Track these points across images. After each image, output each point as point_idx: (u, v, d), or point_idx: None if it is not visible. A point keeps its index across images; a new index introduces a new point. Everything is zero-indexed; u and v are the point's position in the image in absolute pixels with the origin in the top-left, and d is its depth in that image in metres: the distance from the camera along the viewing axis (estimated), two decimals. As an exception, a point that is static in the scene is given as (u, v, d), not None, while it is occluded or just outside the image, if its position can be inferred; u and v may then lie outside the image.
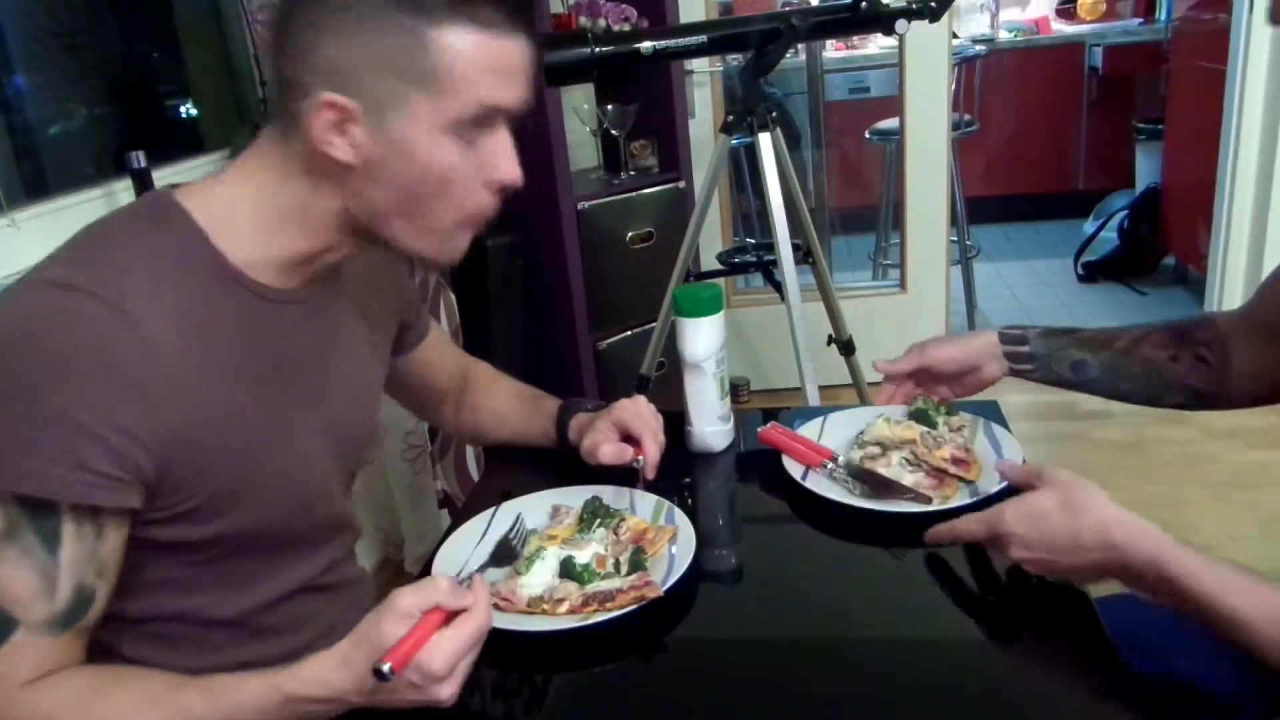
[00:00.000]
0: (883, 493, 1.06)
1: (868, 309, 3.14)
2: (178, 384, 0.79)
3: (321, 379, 0.96)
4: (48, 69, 1.76)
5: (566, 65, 1.83)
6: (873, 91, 4.46)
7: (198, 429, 0.81)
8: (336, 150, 0.81)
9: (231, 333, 0.85)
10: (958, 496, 1.04)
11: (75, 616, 0.78)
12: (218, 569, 0.90)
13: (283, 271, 0.88)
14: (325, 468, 0.98)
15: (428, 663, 0.72)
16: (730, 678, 0.88)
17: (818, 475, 1.12)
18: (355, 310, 1.02)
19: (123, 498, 0.78)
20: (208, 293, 0.83)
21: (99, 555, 0.79)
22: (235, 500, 0.87)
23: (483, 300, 2.44)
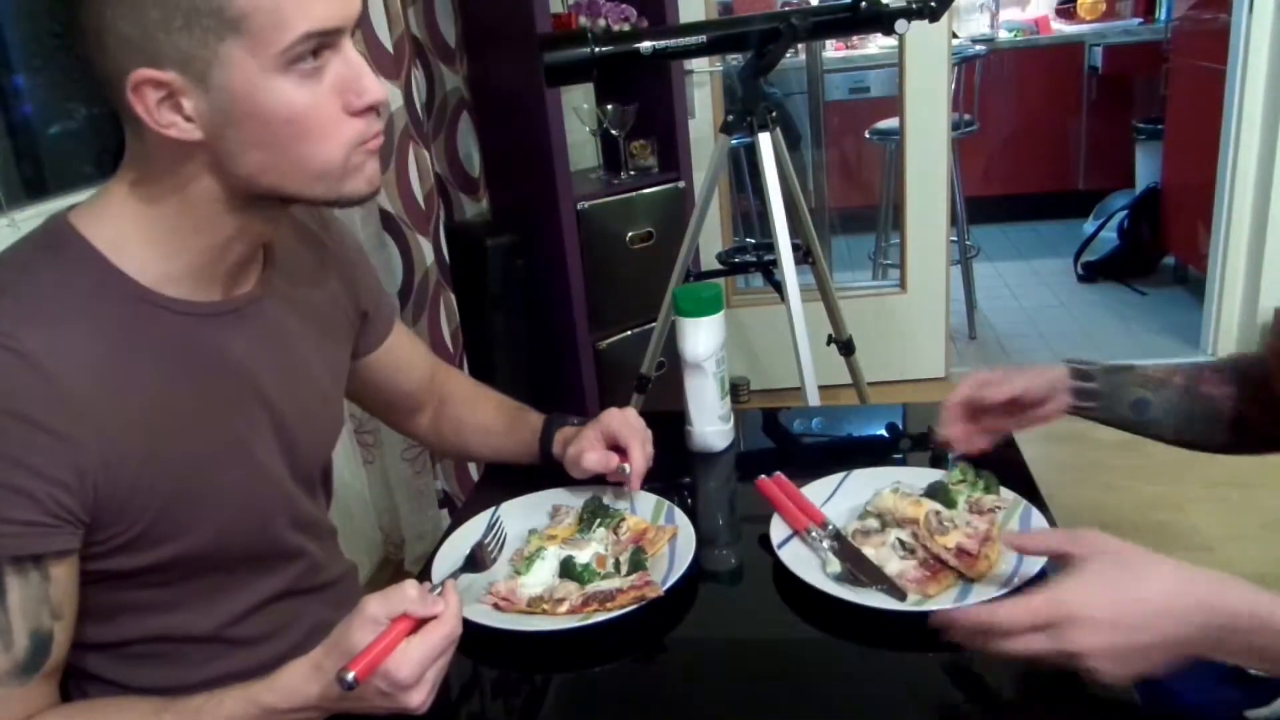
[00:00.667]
0: (861, 575, 0.93)
1: (868, 309, 3.14)
2: (92, 419, 0.76)
3: (265, 387, 0.91)
4: (47, 68, 1.76)
5: (566, 65, 1.83)
6: (873, 91, 4.46)
7: (123, 459, 0.78)
8: (177, 130, 0.75)
9: (151, 356, 0.81)
10: (942, 597, 0.89)
11: (36, 662, 0.76)
12: (182, 589, 0.89)
13: (196, 282, 0.84)
14: (282, 476, 0.94)
15: (394, 671, 0.71)
16: (730, 678, 0.88)
17: (800, 541, 1.00)
18: (297, 310, 0.97)
19: (56, 541, 0.76)
20: (119, 319, 0.80)
21: (50, 598, 0.77)
22: (182, 523, 0.84)
23: (483, 300, 2.44)
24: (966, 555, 0.92)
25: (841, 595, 0.90)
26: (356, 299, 1.07)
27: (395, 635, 0.73)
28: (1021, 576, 0.89)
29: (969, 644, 0.76)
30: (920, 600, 0.89)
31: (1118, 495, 2.51)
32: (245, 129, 0.76)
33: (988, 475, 1.05)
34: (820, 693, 0.85)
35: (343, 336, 1.06)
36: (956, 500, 1.01)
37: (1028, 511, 1.00)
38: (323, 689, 0.74)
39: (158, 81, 0.74)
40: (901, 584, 0.91)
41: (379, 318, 1.12)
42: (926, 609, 0.87)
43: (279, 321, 0.94)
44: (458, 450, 1.28)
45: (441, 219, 2.20)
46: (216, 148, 0.78)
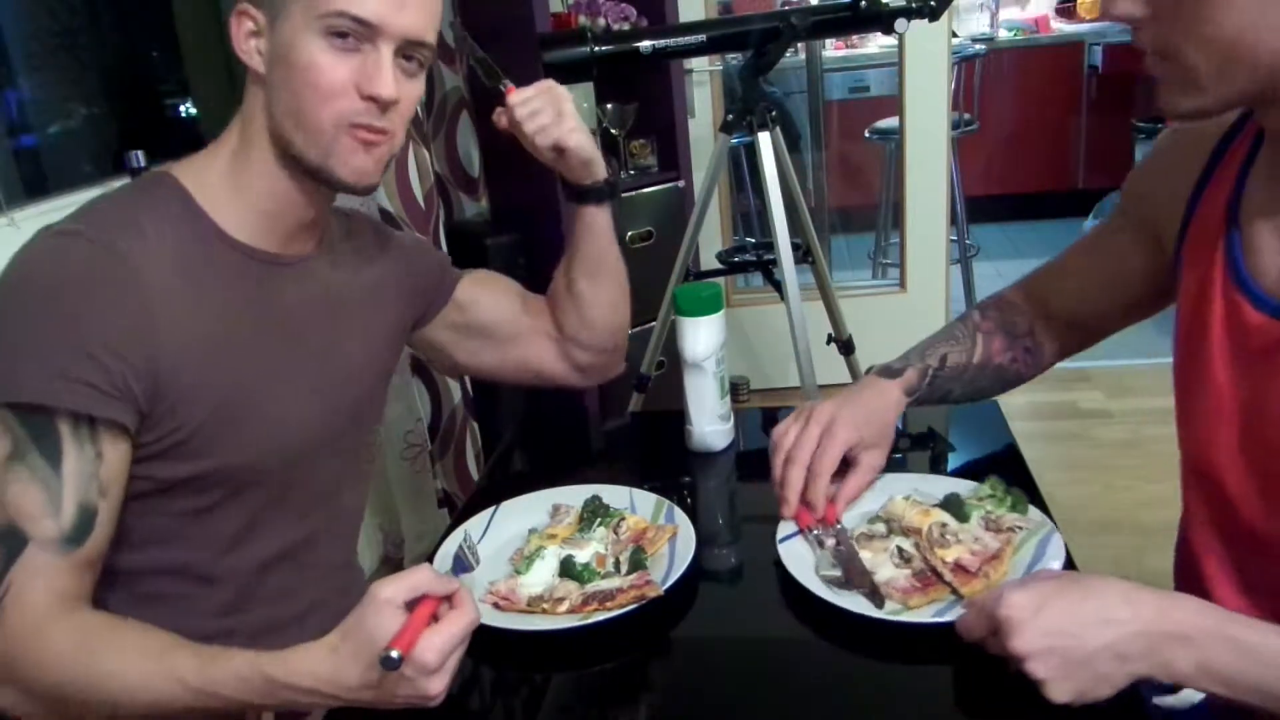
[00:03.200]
0: (851, 577, 0.92)
1: (867, 308, 3.14)
2: (164, 315, 0.86)
3: (309, 342, 1.01)
4: (47, 68, 1.76)
5: (566, 64, 1.83)
6: (872, 90, 4.46)
7: (183, 360, 0.88)
8: (251, 59, 0.92)
9: (217, 281, 0.93)
10: (921, 611, 0.87)
11: (80, 534, 0.83)
12: (206, 524, 0.95)
13: (260, 234, 0.96)
14: (310, 426, 1.01)
15: (421, 655, 0.72)
16: (730, 677, 0.88)
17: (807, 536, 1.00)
18: (348, 280, 1.07)
19: (113, 410, 0.83)
20: (195, 246, 0.92)
21: (100, 475, 0.84)
22: (222, 438, 0.92)
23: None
24: (963, 571, 0.89)
25: (824, 596, 0.90)
26: (416, 284, 1.16)
27: (420, 619, 0.73)
28: None
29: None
30: (899, 610, 0.88)
31: (1118, 495, 2.50)
32: (281, 70, 0.91)
33: (1017, 494, 1.00)
34: (820, 692, 0.85)
35: (394, 316, 1.14)
36: (970, 515, 0.98)
37: (1049, 537, 0.94)
38: (340, 675, 0.74)
39: (252, 15, 0.91)
40: (886, 591, 0.90)
41: (441, 286, 1.20)
42: (901, 619, 0.86)
43: (329, 285, 1.04)
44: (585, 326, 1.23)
45: (441, 218, 2.20)
46: (267, 85, 0.93)
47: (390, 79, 0.91)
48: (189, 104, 2.12)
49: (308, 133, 0.91)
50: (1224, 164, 0.90)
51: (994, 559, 0.91)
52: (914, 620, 0.86)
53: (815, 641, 0.91)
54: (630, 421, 1.80)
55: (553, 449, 1.45)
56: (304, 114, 0.91)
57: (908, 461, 1.22)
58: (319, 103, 0.90)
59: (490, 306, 1.23)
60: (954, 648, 0.83)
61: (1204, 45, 0.72)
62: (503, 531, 1.09)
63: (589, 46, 1.81)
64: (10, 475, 0.82)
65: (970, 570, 0.89)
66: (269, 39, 0.91)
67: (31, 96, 1.75)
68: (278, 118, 0.92)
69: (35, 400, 0.81)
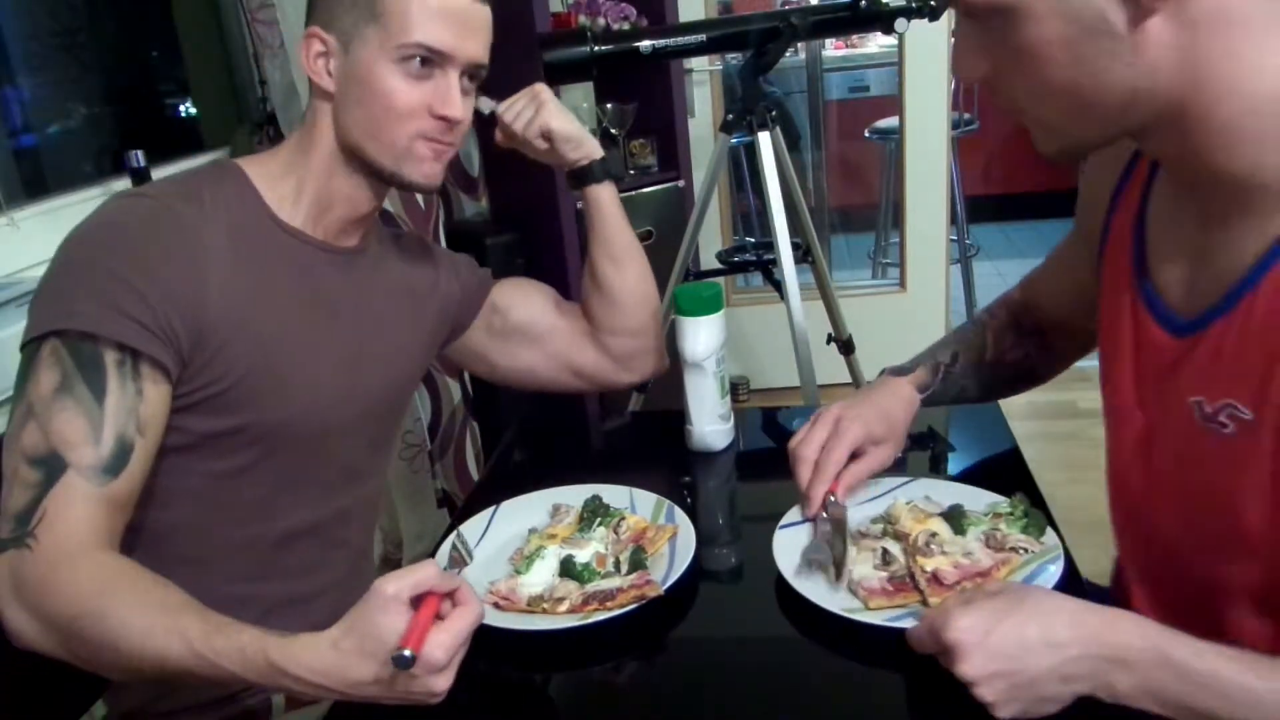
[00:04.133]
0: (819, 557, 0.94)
1: (867, 308, 3.13)
2: (213, 273, 0.93)
3: (347, 324, 1.07)
4: (47, 68, 1.76)
5: (566, 64, 1.83)
6: (872, 90, 4.46)
7: (227, 314, 0.94)
8: (321, 79, 1.01)
9: (265, 256, 1.00)
10: (875, 614, 0.87)
11: (117, 465, 0.87)
12: (235, 488, 1.00)
13: (311, 223, 1.04)
14: (340, 397, 1.06)
15: (429, 653, 0.72)
16: (730, 677, 0.88)
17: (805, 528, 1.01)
18: (392, 276, 1.15)
19: (156, 348, 0.89)
20: (249, 222, 1.00)
21: (139, 412, 0.89)
22: (255, 396, 0.97)
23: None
24: (937, 583, 0.89)
25: (807, 595, 0.90)
26: (453, 292, 1.23)
27: (428, 615, 0.73)
28: None
29: None
30: (857, 609, 0.88)
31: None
32: (356, 90, 1.00)
33: (1036, 516, 0.97)
34: (820, 692, 0.85)
35: (430, 318, 1.20)
36: (967, 529, 0.96)
37: (1050, 563, 0.90)
38: (340, 668, 0.74)
39: (322, 39, 1.00)
40: (854, 588, 0.91)
41: (478, 294, 1.26)
42: (857, 617, 0.87)
43: (368, 277, 1.11)
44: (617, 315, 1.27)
45: (441, 218, 2.20)
46: (338, 100, 1.02)
47: (459, 101, 1.02)
48: (189, 104, 2.12)
49: (382, 145, 1.01)
50: (1132, 180, 0.90)
51: (981, 575, 0.89)
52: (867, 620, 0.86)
53: (815, 641, 0.91)
54: (630, 421, 1.80)
55: (553, 449, 1.45)
56: (380, 130, 1.00)
57: (907, 462, 1.23)
58: (394, 122, 1.00)
59: (523, 306, 1.28)
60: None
61: (1044, 99, 0.75)
62: (503, 531, 1.09)
63: (589, 46, 1.81)
64: (57, 404, 0.86)
65: (945, 583, 0.88)
66: (341, 61, 1.00)
67: (31, 96, 1.75)
68: (350, 129, 1.01)
69: (85, 328, 0.87)
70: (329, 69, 1.01)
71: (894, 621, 0.86)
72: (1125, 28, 0.69)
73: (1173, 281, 0.83)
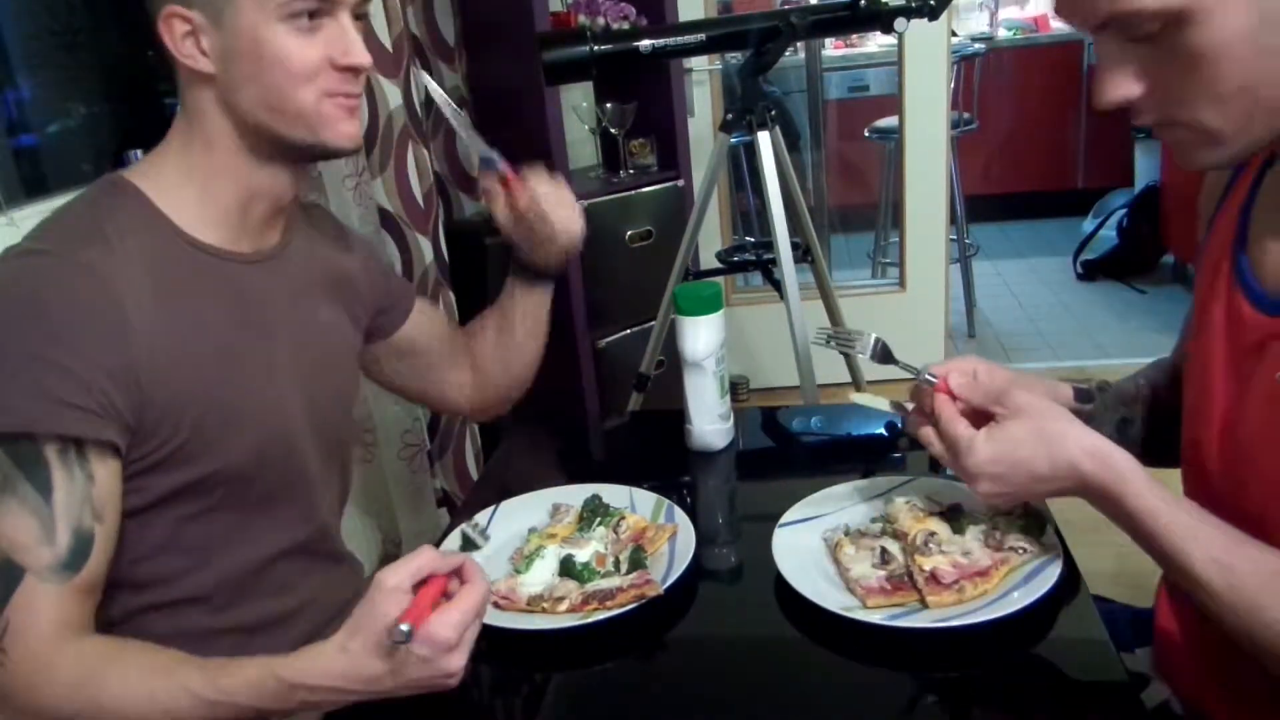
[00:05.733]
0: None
1: (867, 307, 3.13)
2: (138, 323, 0.85)
3: (283, 331, 1.00)
4: (47, 67, 1.75)
5: (565, 63, 1.83)
6: (872, 90, 4.46)
7: (164, 365, 0.86)
8: (194, 61, 0.89)
9: (188, 284, 0.91)
10: (874, 613, 0.88)
11: (78, 560, 0.81)
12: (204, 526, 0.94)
13: (226, 231, 0.95)
14: (297, 419, 1.01)
15: (437, 632, 0.72)
16: (730, 676, 0.88)
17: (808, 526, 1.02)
18: (316, 271, 1.07)
19: (100, 429, 0.82)
20: (162, 252, 0.90)
21: (92, 497, 0.82)
22: (214, 439, 0.91)
23: (482, 299, 2.42)
24: (936, 582, 0.89)
25: (798, 588, 0.91)
26: (373, 292, 1.16)
27: (430, 595, 0.73)
28: None
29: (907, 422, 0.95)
30: (856, 608, 0.89)
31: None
32: (244, 65, 0.89)
33: (1036, 515, 0.97)
34: (820, 692, 0.85)
35: (357, 313, 1.13)
36: (966, 528, 0.97)
37: (1048, 563, 0.91)
38: (354, 669, 0.74)
39: (184, 17, 0.88)
40: (853, 588, 0.92)
41: (397, 308, 1.20)
42: (856, 616, 0.87)
43: (297, 276, 1.04)
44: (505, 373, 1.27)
45: (440, 218, 2.20)
46: (224, 81, 0.90)
47: (361, 46, 0.92)
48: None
49: (290, 117, 0.91)
50: (1243, 173, 0.90)
51: (980, 575, 0.90)
52: (913, 625, 0.86)
53: (815, 640, 0.91)
54: (630, 421, 1.80)
55: (553, 449, 1.45)
56: (284, 100, 0.90)
57: (907, 461, 1.23)
58: (297, 86, 0.90)
59: (429, 333, 1.25)
60: (949, 652, 0.83)
61: (1219, 105, 0.72)
62: (503, 531, 1.09)
63: (588, 46, 1.81)
64: (2, 508, 0.80)
65: (943, 582, 0.89)
66: (216, 37, 0.88)
67: (31, 95, 1.75)
68: (247, 110, 0.91)
69: (18, 428, 0.79)
70: (202, 48, 0.89)
71: (892, 620, 0.86)
72: None
73: (1268, 262, 0.83)
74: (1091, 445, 0.82)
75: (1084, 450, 0.81)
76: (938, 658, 0.85)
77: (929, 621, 0.86)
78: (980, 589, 0.89)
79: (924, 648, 0.86)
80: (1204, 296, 0.91)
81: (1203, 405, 0.90)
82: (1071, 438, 0.82)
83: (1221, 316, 0.88)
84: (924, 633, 0.85)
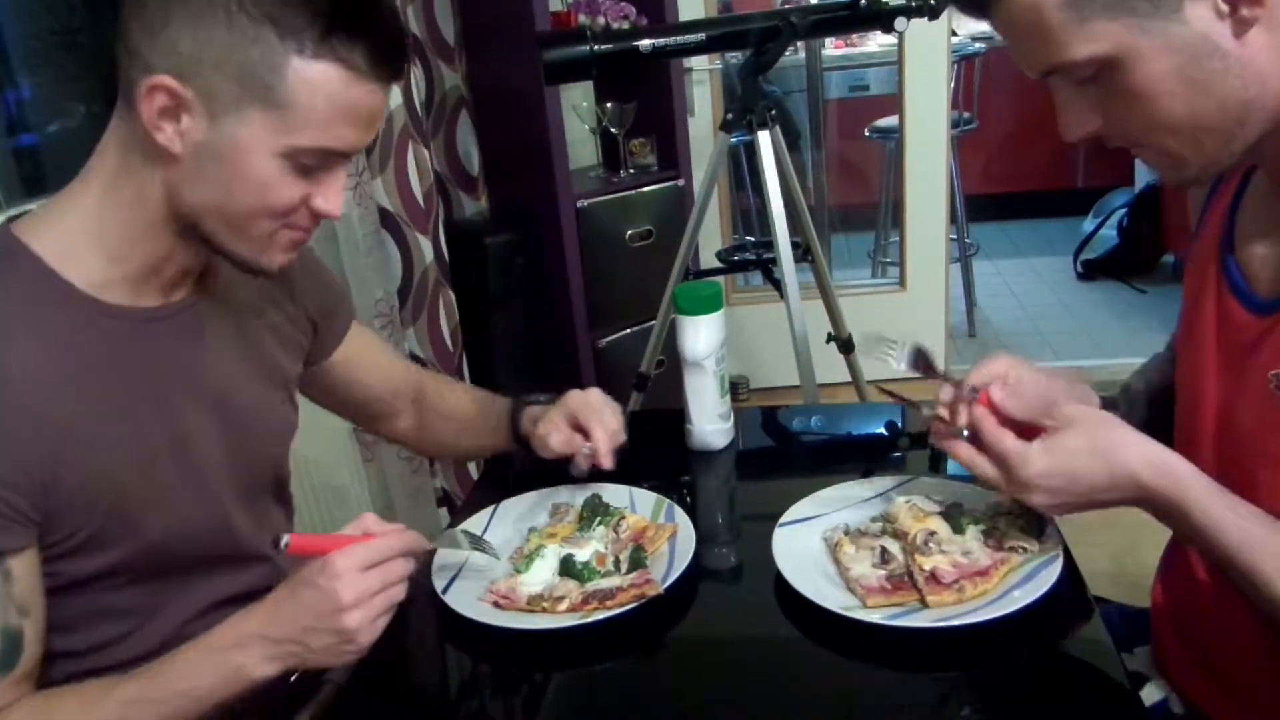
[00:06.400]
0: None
1: (867, 307, 3.13)
2: (38, 422, 0.79)
3: (204, 388, 0.93)
4: (47, 67, 1.75)
5: (565, 63, 1.83)
6: (872, 89, 4.44)
7: (69, 460, 0.80)
8: (163, 136, 0.79)
9: (94, 361, 0.84)
10: (874, 612, 0.88)
11: (10, 659, 0.78)
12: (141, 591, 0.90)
13: (135, 288, 0.87)
14: (222, 483, 0.95)
15: (332, 557, 0.75)
16: (730, 676, 0.88)
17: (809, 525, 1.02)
18: (238, 315, 0.98)
19: (9, 538, 0.77)
20: (60, 327, 0.82)
21: (15, 596, 0.78)
22: (132, 522, 0.86)
23: (482, 299, 2.44)
24: (936, 582, 0.89)
25: (798, 587, 0.91)
26: (305, 309, 1.07)
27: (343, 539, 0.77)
28: None
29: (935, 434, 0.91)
30: (856, 608, 0.89)
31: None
32: (220, 172, 0.80)
33: (1036, 515, 0.95)
34: (820, 692, 0.85)
35: (290, 343, 1.06)
36: (966, 528, 0.96)
37: (1048, 563, 0.90)
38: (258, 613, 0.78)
39: (176, 94, 0.77)
40: (853, 587, 0.91)
41: (330, 329, 1.12)
42: (856, 615, 0.87)
43: (216, 325, 0.96)
44: (439, 447, 1.27)
45: (440, 217, 2.20)
46: (183, 170, 0.81)
47: (340, 198, 0.86)
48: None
49: (238, 234, 0.84)
50: (1227, 178, 0.92)
51: (980, 574, 0.89)
52: (913, 625, 0.86)
53: (814, 639, 0.91)
54: (630, 420, 1.79)
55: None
56: (242, 220, 0.83)
57: (907, 461, 1.23)
58: (263, 219, 0.83)
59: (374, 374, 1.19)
60: (949, 652, 0.83)
61: (1170, 134, 0.77)
62: (503, 531, 1.09)
63: (588, 45, 1.81)
64: None
65: (943, 581, 0.89)
66: (201, 129, 0.79)
67: (31, 95, 1.75)
68: (195, 206, 0.83)
69: None
70: (179, 129, 0.79)
71: (892, 620, 0.86)
72: (1230, 43, 0.71)
73: (1256, 264, 0.85)
74: (1151, 454, 0.80)
75: (1144, 460, 0.80)
76: (938, 658, 0.85)
77: (929, 621, 0.86)
78: (980, 589, 0.88)
79: (924, 648, 0.86)
80: (1194, 298, 0.93)
81: (1196, 406, 0.90)
82: (1130, 446, 0.81)
83: (1212, 317, 0.89)
84: (924, 632, 0.85)
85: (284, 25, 0.76)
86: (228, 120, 0.78)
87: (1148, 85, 0.74)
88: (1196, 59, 0.72)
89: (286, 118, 0.78)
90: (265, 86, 0.77)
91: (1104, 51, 0.73)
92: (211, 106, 0.78)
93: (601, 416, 1.10)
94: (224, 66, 0.77)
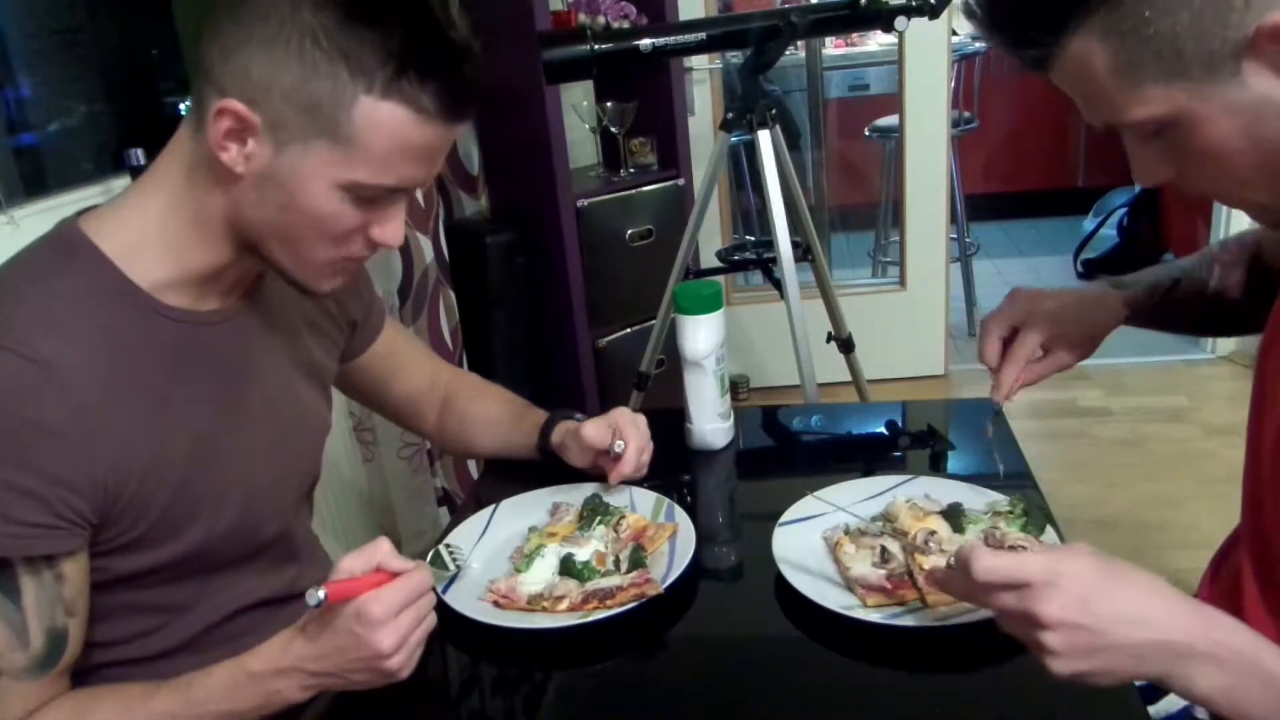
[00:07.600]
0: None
1: (867, 306, 3.13)
2: (101, 422, 0.79)
3: (260, 394, 0.95)
4: (47, 66, 1.75)
5: (565, 62, 1.83)
6: (872, 89, 4.45)
7: (131, 461, 0.81)
8: (227, 156, 0.79)
9: (152, 361, 0.85)
10: (874, 611, 0.87)
11: (53, 658, 0.80)
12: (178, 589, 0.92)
13: (195, 291, 0.88)
14: (278, 480, 0.98)
15: (367, 605, 0.74)
16: (730, 675, 0.88)
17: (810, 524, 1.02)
18: (288, 316, 1.01)
19: (65, 543, 0.78)
20: (123, 325, 0.83)
21: (64, 596, 0.80)
22: (183, 522, 0.87)
23: (482, 298, 2.44)
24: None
25: (798, 587, 0.91)
26: (345, 307, 1.09)
27: (370, 580, 0.76)
28: None
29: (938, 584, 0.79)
30: (856, 607, 0.88)
31: (1117, 492, 2.51)
32: (280, 197, 0.81)
33: (1037, 515, 0.97)
34: (820, 691, 0.85)
35: (328, 340, 1.08)
36: (966, 527, 0.96)
37: None
38: (297, 645, 0.77)
39: (243, 118, 0.78)
40: (852, 586, 0.91)
41: (367, 325, 1.15)
42: (856, 615, 0.87)
43: (268, 327, 0.98)
44: (462, 445, 1.27)
45: (441, 217, 2.20)
46: (246, 191, 0.82)
47: (400, 230, 0.87)
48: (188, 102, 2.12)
49: (297, 259, 0.86)
50: None
51: None
52: (913, 624, 0.86)
53: (815, 639, 0.91)
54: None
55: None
56: (300, 245, 0.84)
57: (907, 460, 1.23)
58: (321, 245, 0.85)
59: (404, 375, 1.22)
60: (949, 651, 0.83)
61: (1246, 186, 0.74)
62: (503, 530, 1.09)
63: (589, 45, 1.81)
64: None
65: None
66: (266, 154, 0.80)
67: (31, 94, 1.75)
68: (254, 226, 0.84)
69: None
70: (245, 152, 0.79)
71: (892, 619, 0.86)
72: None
73: None
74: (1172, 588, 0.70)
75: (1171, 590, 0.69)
76: (938, 657, 0.85)
77: (929, 620, 0.86)
78: None
79: (924, 647, 0.86)
80: None
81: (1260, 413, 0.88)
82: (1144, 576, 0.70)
83: None
84: (924, 632, 0.85)
85: (356, 63, 0.76)
86: (292, 149, 0.79)
87: (1213, 145, 0.71)
88: (1260, 119, 0.69)
89: (349, 153, 0.79)
90: (331, 121, 0.78)
91: (1161, 113, 0.71)
92: (277, 134, 0.79)
93: (638, 426, 1.13)
94: (293, 97, 0.77)
